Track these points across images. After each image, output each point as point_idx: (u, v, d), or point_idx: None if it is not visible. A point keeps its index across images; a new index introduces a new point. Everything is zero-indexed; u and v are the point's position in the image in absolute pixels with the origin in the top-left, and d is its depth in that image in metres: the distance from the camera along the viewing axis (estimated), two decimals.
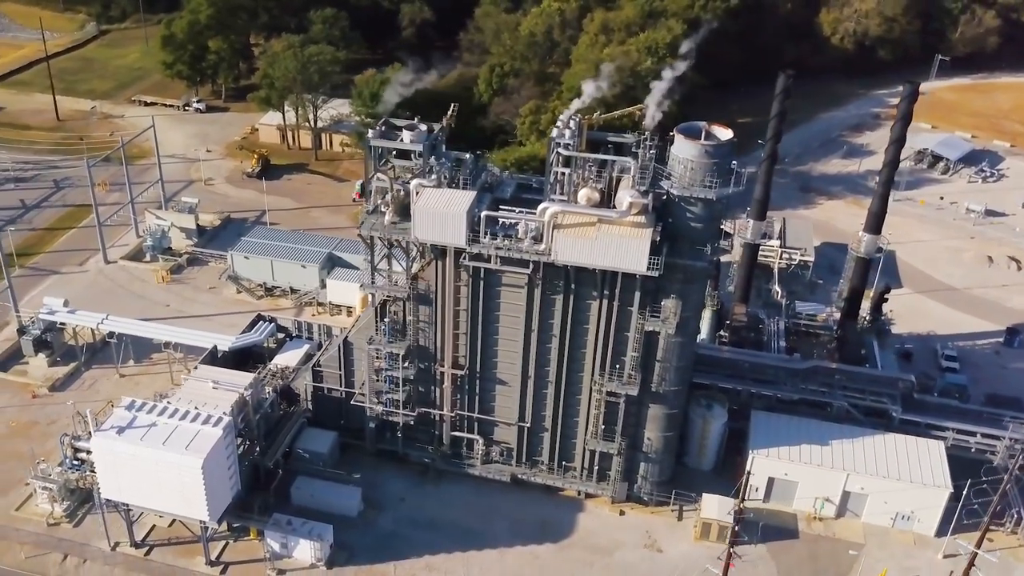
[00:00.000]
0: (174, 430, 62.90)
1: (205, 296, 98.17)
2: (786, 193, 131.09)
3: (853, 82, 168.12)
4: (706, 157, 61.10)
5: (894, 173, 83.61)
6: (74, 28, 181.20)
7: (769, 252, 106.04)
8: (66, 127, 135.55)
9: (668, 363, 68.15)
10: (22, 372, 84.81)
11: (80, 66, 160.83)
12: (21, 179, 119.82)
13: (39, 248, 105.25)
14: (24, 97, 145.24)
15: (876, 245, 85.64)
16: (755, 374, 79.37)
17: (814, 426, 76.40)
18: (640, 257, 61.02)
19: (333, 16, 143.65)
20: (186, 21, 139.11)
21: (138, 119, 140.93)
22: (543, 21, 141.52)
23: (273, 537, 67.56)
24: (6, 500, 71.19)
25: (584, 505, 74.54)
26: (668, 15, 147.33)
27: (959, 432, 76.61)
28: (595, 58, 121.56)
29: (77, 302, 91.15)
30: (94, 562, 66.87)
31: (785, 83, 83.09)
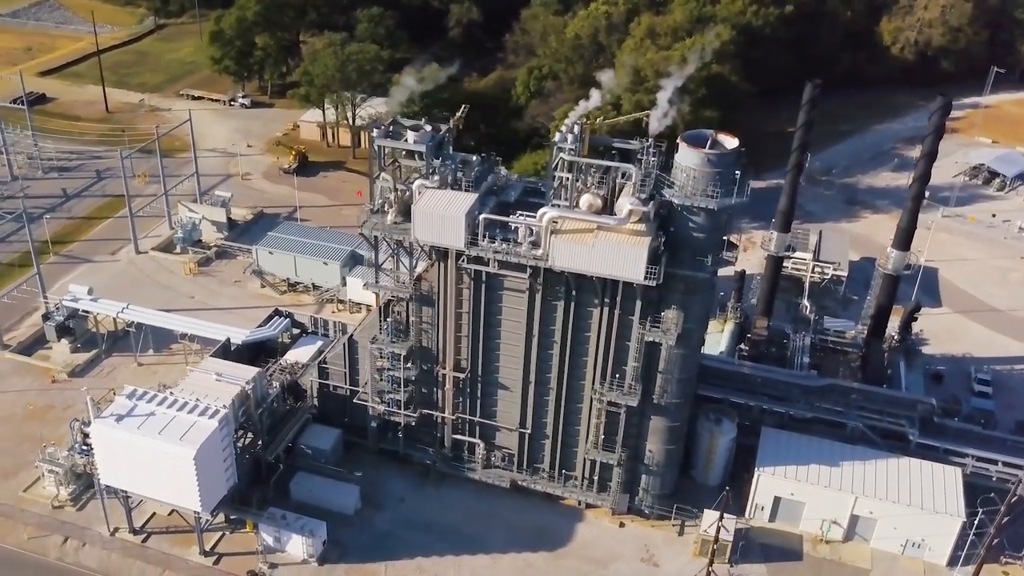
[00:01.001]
0: (171, 420, 64.35)
1: (230, 289, 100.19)
2: (830, 205, 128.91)
3: (912, 93, 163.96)
4: (709, 166, 60.35)
5: (924, 187, 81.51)
6: (134, 22, 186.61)
7: (801, 265, 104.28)
8: (114, 119, 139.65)
9: (670, 375, 67.49)
10: (45, 357, 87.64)
11: (135, 59, 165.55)
12: (65, 168, 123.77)
13: (75, 236, 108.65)
14: (77, 88, 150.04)
15: (904, 261, 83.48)
16: (768, 390, 78.06)
17: (825, 446, 74.84)
18: (637, 266, 60.54)
19: (379, 15, 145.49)
20: (234, 17, 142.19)
21: (184, 112, 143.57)
22: (589, 24, 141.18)
23: (267, 531, 68.69)
24: (16, 481, 73.65)
25: (584, 515, 74.20)
26: (718, 20, 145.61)
27: (979, 459, 74.36)
28: (632, 63, 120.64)
29: (105, 290, 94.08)
30: (93, 546, 68.78)
31: (812, 92, 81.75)
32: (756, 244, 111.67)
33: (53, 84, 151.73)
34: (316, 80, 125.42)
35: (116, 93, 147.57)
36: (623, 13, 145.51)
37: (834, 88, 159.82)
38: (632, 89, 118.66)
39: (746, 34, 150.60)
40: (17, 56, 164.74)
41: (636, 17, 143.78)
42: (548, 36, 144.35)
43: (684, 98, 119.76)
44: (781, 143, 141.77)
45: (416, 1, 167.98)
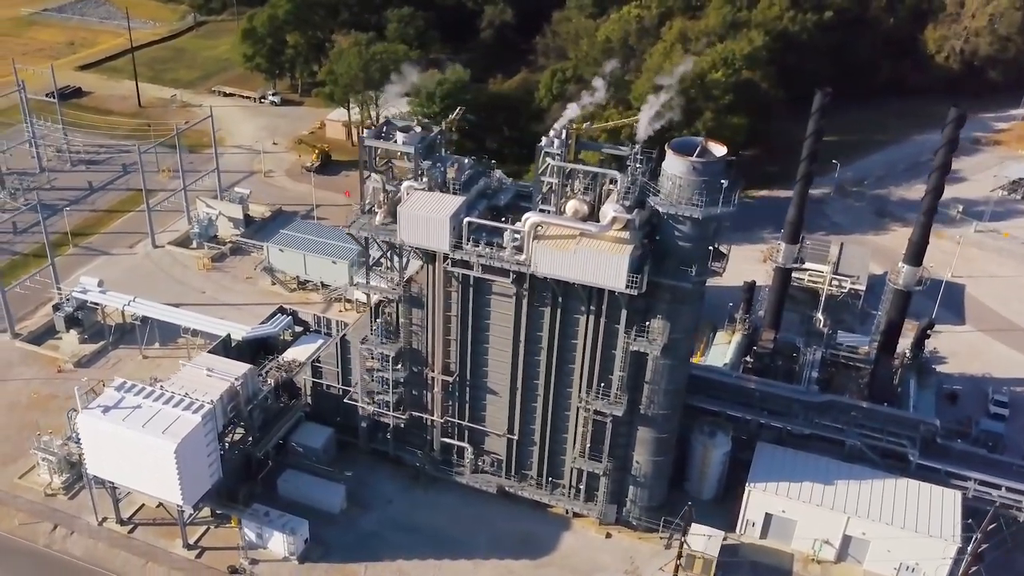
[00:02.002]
0: (156, 413, 65.53)
1: (241, 286, 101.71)
2: (859, 217, 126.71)
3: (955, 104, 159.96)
4: (694, 174, 59.75)
5: (937, 201, 79.64)
6: (176, 18, 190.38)
7: (818, 278, 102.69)
8: (145, 114, 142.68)
9: (657, 385, 67.00)
10: (54, 347, 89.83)
11: (172, 55, 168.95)
12: (93, 161, 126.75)
13: (96, 229, 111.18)
14: (113, 83, 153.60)
15: (916, 277, 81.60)
16: (766, 404, 76.95)
17: (822, 463, 73.61)
18: (619, 274, 60.16)
19: (409, 15, 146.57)
20: (266, 15, 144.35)
21: (216, 109, 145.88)
22: (620, 27, 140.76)
23: (250, 527, 69.60)
24: (13, 467, 75.63)
25: (571, 524, 73.94)
26: (752, 26, 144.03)
27: (982, 483, 72.51)
28: (657, 67, 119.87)
29: (119, 283, 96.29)
30: (80, 535, 70.31)
31: (821, 101, 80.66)
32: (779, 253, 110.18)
33: (90, 78, 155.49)
34: (340, 79, 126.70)
35: (150, 88, 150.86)
36: (655, 17, 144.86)
37: (874, 97, 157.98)
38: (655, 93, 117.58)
39: (782, 40, 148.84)
40: (60, 50, 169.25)
41: (668, 21, 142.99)
42: (579, 39, 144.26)
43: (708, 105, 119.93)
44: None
45: (450, 2, 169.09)
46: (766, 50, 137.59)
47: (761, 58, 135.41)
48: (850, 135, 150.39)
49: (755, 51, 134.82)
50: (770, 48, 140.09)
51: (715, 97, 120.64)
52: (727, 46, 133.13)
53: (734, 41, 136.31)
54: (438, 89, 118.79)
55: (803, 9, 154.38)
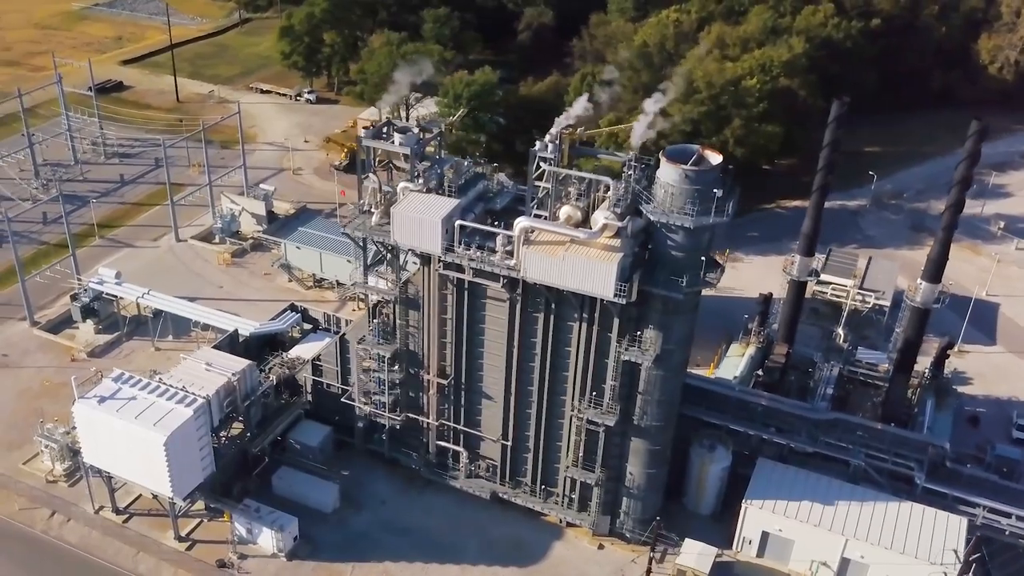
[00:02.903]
0: (150, 406, 66.79)
1: (258, 282, 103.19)
2: (894, 230, 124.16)
3: (1008, 116, 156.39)
4: (687, 183, 59.07)
5: (957, 217, 77.67)
6: (223, 15, 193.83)
7: (842, 292, 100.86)
8: (182, 109, 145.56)
9: (650, 396, 66.43)
10: (70, 336, 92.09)
11: (214, 51, 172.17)
12: (127, 155, 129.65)
13: (122, 221, 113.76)
14: (154, 78, 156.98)
15: (934, 294, 79.65)
16: (769, 419, 75.70)
17: (823, 483, 72.26)
18: (607, 282, 59.76)
19: (445, 16, 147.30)
20: (304, 13, 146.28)
21: (251, 105, 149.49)
22: (657, 32, 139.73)
23: (240, 522, 70.54)
24: (19, 453, 77.67)
25: (564, 533, 73.63)
26: (794, 32, 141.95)
27: (991, 511, 70.46)
28: (686, 73, 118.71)
29: (140, 275, 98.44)
30: (77, 522, 71.96)
31: (838, 110, 79.07)
32: None
33: (132, 73, 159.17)
34: (370, 78, 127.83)
35: (189, 84, 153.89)
36: (694, 21, 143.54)
37: (922, 108, 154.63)
38: (683, 100, 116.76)
39: (826, 47, 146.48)
40: (107, 45, 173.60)
41: (707, 26, 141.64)
42: (616, 43, 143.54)
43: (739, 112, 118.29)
44: (854, 163, 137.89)
45: (491, 3, 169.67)
46: (806, 57, 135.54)
47: (801, 66, 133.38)
48: (893, 146, 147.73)
49: (794, 58, 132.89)
50: (811, 56, 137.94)
51: (747, 104, 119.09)
52: (765, 52, 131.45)
53: (773, 47, 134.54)
54: (465, 91, 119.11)
55: (848, 16, 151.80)
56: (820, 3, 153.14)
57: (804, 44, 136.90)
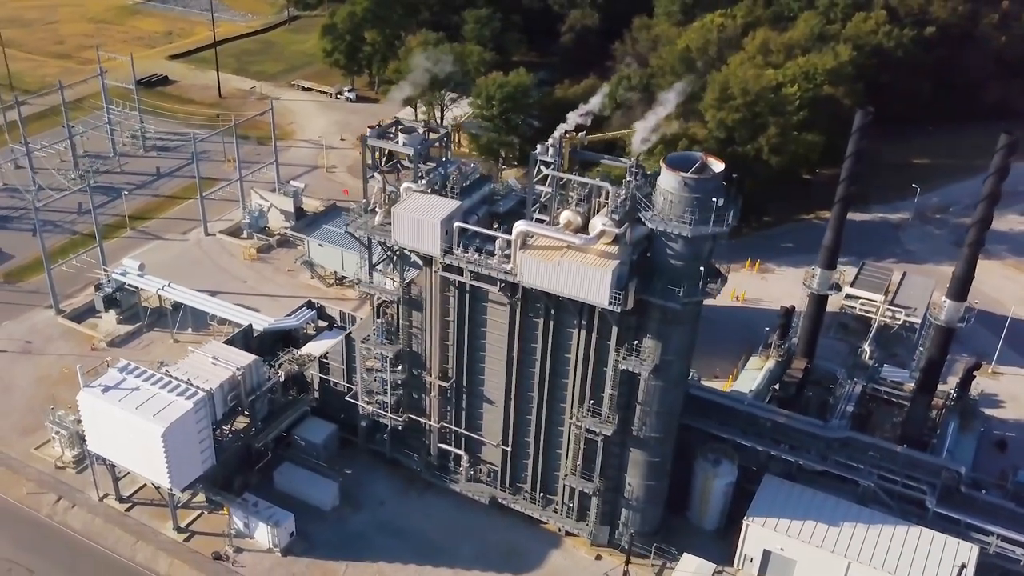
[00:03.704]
0: (151, 397, 68.09)
1: (282, 278, 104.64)
2: (936, 245, 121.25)
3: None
4: (686, 191, 58.42)
5: (984, 233, 75.79)
6: (273, 12, 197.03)
7: (871, 307, 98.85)
8: (224, 104, 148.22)
9: (649, 407, 65.85)
10: (93, 325, 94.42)
11: (261, 48, 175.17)
12: (165, 148, 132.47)
13: (154, 213, 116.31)
14: (199, 73, 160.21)
15: (959, 313, 77.64)
16: (778, 435, 74.46)
17: (829, 503, 70.81)
18: (602, 289, 59.38)
19: (486, 16, 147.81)
20: (346, 12, 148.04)
21: (292, 102, 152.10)
22: (701, 36, 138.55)
23: (238, 516, 71.57)
24: (32, 438, 79.84)
25: (562, 542, 73.31)
26: (842, 39, 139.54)
27: (1005, 539, 68.42)
28: (723, 80, 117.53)
29: (167, 267, 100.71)
30: (80, 508, 73.69)
31: (862, 120, 77.43)
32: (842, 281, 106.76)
33: (178, 67, 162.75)
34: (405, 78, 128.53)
35: (233, 80, 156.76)
36: (739, 26, 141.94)
37: (978, 120, 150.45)
38: (717, 106, 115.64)
39: (877, 56, 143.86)
40: (157, 39, 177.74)
41: (752, 31, 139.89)
42: (659, 46, 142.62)
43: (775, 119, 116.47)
44: (901, 175, 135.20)
45: (537, 5, 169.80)
46: (853, 65, 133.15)
47: (847, 74, 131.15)
48: (944, 159, 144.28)
49: (840, 66, 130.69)
50: (858, 64, 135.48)
51: (785, 112, 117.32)
52: (809, 60, 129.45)
53: (818, 55, 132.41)
54: (498, 92, 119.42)
55: (901, 24, 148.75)
56: (872, 10, 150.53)
57: (851, 52, 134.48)
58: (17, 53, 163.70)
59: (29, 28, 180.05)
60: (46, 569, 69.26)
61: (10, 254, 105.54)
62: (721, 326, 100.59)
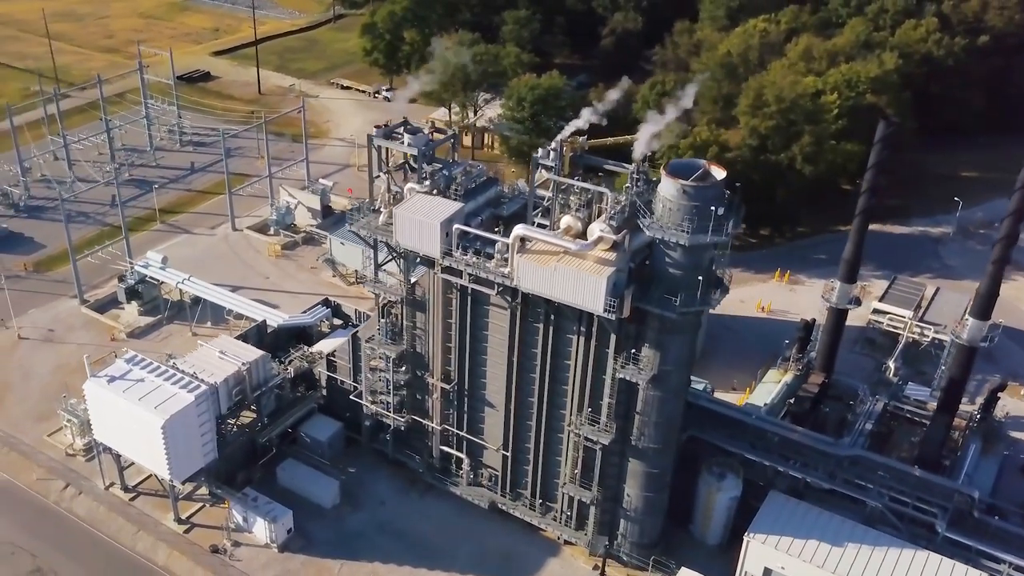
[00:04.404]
0: (155, 388, 69.42)
1: (304, 275, 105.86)
2: (976, 262, 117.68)
3: None
4: (685, 198, 57.81)
5: (1009, 250, 73.59)
6: (321, 10, 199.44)
7: (899, 323, 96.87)
8: (262, 101, 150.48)
9: (647, 417, 65.28)
10: (115, 316, 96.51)
11: (304, 46, 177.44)
12: (201, 143, 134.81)
13: (185, 208, 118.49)
14: (240, 69, 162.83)
15: (983, 332, 75.62)
16: (786, 451, 73.27)
17: (835, 522, 69.43)
18: (596, 296, 59.04)
19: (526, 17, 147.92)
20: (386, 11, 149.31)
21: (330, 101, 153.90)
22: (742, 41, 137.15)
23: (237, 510, 72.56)
24: (45, 425, 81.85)
25: (560, 550, 73.05)
26: (888, 47, 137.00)
27: (1017, 568, 66.48)
28: (757, 86, 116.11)
29: (192, 262, 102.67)
30: (87, 496, 75.33)
31: (884, 131, 75.75)
32: (872, 294, 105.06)
33: (221, 64, 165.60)
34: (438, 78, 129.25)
35: (273, 77, 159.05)
36: (783, 32, 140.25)
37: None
38: (750, 112, 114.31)
39: (927, 65, 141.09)
40: (204, 35, 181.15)
41: (795, 37, 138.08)
42: (700, 51, 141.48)
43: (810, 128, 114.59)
44: (946, 187, 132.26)
45: (580, 7, 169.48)
46: (898, 74, 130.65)
47: (891, 82, 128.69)
48: (992, 172, 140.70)
49: (885, 74, 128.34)
50: (904, 72, 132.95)
51: (823, 120, 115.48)
52: (852, 67, 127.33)
53: (862, 62, 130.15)
54: (529, 94, 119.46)
55: (953, 32, 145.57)
56: (923, 18, 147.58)
57: (897, 60, 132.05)
58: (66, 47, 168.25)
59: (81, 22, 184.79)
60: (48, 554, 70.90)
61: (42, 244, 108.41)
62: (743, 337, 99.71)
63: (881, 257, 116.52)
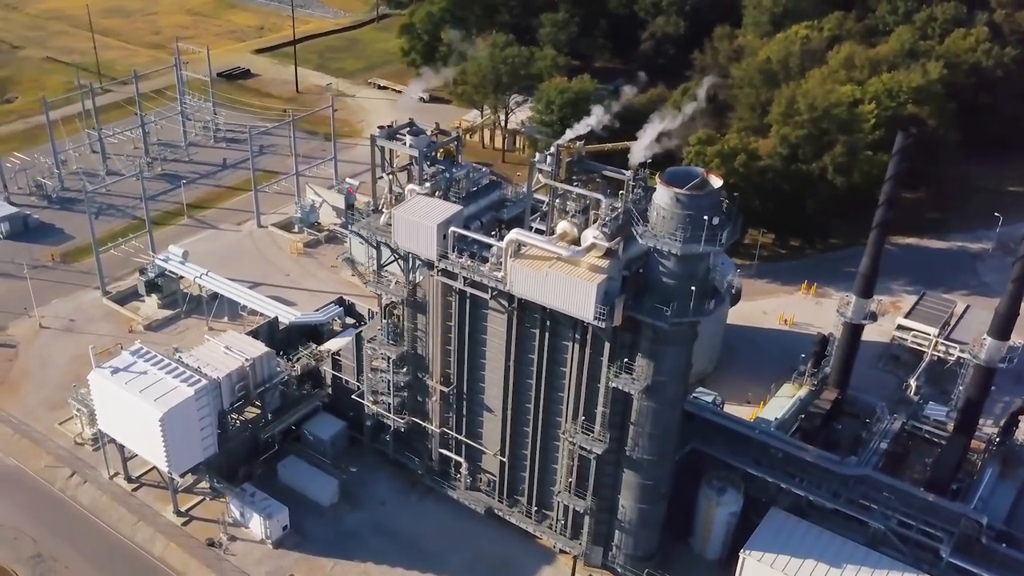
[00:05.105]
0: (157, 381, 70.67)
1: (324, 273, 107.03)
2: None
3: None
4: (678, 207, 57.29)
5: None
6: (366, 10, 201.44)
7: (923, 340, 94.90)
8: (299, 99, 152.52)
9: (641, 428, 64.80)
10: (135, 308, 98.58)
11: (345, 45, 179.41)
12: (235, 140, 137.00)
13: (214, 203, 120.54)
14: (280, 68, 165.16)
15: (1002, 352, 73.78)
16: (789, 468, 72.18)
17: (835, 543, 68.26)
18: (587, 303, 58.82)
19: (563, 20, 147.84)
20: (424, 11, 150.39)
21: (366, 100, 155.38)
22: (782, 48, 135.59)
23: (235, 505, 73.60)
24: (58, 413, 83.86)
25: (555, 559, 72.88)
26: (934, 56, 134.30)
27: None
28: (789, 94, 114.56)
29: (215, 257, 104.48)
30: (91, 485, 77.05)
31: (903, 142, 74.32)
32: (901, 309, 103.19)
33: (262, 61, 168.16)
34: (470, 79, 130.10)
35: (312, 75, 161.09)
36: (825, 39, 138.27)
37: None
38: (782, 120, 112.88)
39: (976, 75, 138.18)
40: (248, 33, 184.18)
41: (837, 45, 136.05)
42: (742, 57, 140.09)
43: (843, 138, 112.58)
44: (989, 202, 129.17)
45: (623, 10, 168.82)
46: (943, 84, 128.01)
47: (935, 92, 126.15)
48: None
49: (928, 84, 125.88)
50: (951, 83, 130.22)
51: (858, 130, 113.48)
52: (894, 76, 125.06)
53: (905, 72, 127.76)
54: (558, 98, 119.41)
55: (1004, 42, 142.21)
56: (974, 26, 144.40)
57: (942, 69, 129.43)
58: (113, 42, 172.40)
59: (129, 18, 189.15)
60: (49, 541, 72.67)
61: (71, 235, 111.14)
62: (763, 349, 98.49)
63: (915, 272, 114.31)
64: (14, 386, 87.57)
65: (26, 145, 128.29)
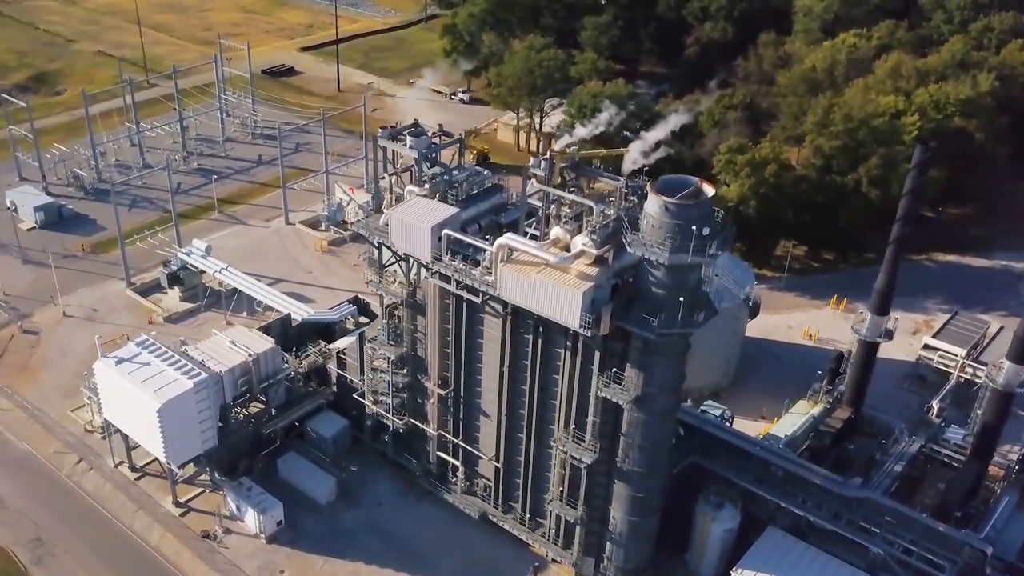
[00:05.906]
0: (158, 373, 72.22)
1: (346, 272, 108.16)
2: None
3: None
4: (667, 216, 56.80)
5: None
6: (416, 10, 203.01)
7: (949, 361, 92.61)
8: (340, 98, 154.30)
9: (632, 439, 64.33)
10: (157, 300, 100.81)
11: (391, 45, 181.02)
12: (272, 137, 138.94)
13: (245, 199, 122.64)
14: (324, 66, 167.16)
15: (1020, 377, 71.83)
16: (790, 487, 71.01)
17: (832, 566, 67.07)
18: (573, 311, 58.63)
19: (606, 24, 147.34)
20: (466, 13, 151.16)
21: (405, 100, 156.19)
22: (828, 56, 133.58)
23: (231, 498, 74.82)
24: (71, 400, 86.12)
25: (547, 568, 72.72)
26: (987, 68, 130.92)
27: None
28: (826, 104, 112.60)
29: (240, 252, 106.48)
30: (96, 472, 78.99)
31: (921, 156, 72.72)
32: (933, 328, 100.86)
33: (306, 59, 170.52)
34: (505, 81, 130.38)
35: (355, 74, 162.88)
36: (872, 48, 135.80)
37: None
38: (816, 131, 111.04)
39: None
40: (297, 31, 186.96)
41: (885, 54, 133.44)
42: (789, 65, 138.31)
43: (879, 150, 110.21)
44: None
45: (671, 15, 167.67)
46: (994, 96, 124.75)
47: (985, 105, 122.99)
48: None
49: (978, 96, 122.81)
50: (1005, 96, 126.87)
51: (897, 142, 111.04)
52: (941, 88, 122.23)
53: (954, 83, 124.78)
54: (591, 102, 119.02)
55: None
56: None
57: (993, 82, 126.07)
58: (165, 38, 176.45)
59: (183, 14, 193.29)
60: (51, 525, 74.70)
61: (103, 226, 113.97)
62: (783, 364, 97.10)
63: (953, 290, 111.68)
64: (33, 372, 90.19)
65: (69, 137, 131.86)
